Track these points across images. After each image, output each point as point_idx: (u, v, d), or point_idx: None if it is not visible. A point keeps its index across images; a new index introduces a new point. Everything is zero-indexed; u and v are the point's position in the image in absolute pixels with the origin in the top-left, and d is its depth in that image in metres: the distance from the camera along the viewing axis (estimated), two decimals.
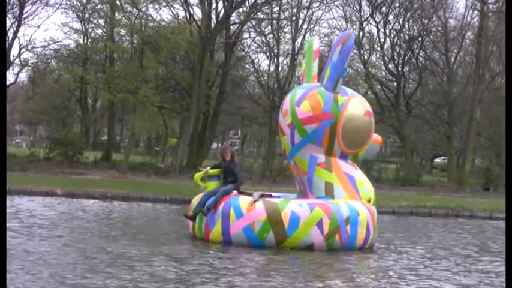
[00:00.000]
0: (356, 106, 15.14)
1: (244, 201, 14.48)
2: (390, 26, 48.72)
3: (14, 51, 44.87)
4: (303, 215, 14.00)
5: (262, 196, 14.79)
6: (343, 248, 14.22)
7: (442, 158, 72.20)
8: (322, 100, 14.92)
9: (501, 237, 18.81)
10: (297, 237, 14.04)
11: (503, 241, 17.91)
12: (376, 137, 15.68)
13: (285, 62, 46.61)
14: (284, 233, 14.03)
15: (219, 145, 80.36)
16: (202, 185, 15.59)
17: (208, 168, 15.78)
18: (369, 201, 14.99)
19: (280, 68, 45.88)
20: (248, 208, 14.28)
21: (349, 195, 14.74)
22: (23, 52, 44.36)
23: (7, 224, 13.53)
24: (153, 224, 18.21)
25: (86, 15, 47.25)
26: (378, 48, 49.48)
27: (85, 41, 48.29)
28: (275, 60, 45.90)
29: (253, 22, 45.26)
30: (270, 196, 15.28)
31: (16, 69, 44.39)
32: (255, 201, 14.35)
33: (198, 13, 42.19)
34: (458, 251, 15.76)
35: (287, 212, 14.03)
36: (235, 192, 15.06)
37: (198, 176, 15.64)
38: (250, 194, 15.09)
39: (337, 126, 14.87)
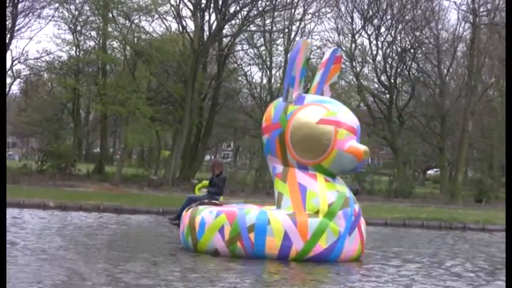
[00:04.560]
0: (307, 114, 14.43)
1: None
2: (382, 38, 48.86)
3: (7, 64, 44.89)
4: (208, 221, 14.41)
5: (202, 204, 15.33)
6: (248, 255, 13.99)
7: (435, 170, 72.35)
8: (274, 110, 14.96)
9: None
10: (203, 242, 14.45)
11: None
12: (350, 147, 14.23)
13: (277, 74, 46.67)
14: (196, 237, 14.61)
15: (212, 157, 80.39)
16: (200, 195, 16.76)
17: (204, 181, 17.32)
18: (316, 212, 14.11)
19: (272, 81, 45.94)
20: (184, 214, 15.27)
21: (293, 206, 14.31)
22: (16, 64, 44.41)
23: None
24: (143, 237, 18.12)
25: (78, 27, 47.32)
26: (370, 61, 49.57)
27: (77, 53, 48.27)
28: (268, 72, 45.96)
29: (246, 34, 45.32)
30: (214, 204, 15.54)
31: (8, 81, 44.42)
32: (189, 208, 15.16)
33: (190, 25, 42.27)
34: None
35: (199, 218, 14.60)
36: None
37: (197, 186, 16.96)
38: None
39: (285, 136, 14.59)
